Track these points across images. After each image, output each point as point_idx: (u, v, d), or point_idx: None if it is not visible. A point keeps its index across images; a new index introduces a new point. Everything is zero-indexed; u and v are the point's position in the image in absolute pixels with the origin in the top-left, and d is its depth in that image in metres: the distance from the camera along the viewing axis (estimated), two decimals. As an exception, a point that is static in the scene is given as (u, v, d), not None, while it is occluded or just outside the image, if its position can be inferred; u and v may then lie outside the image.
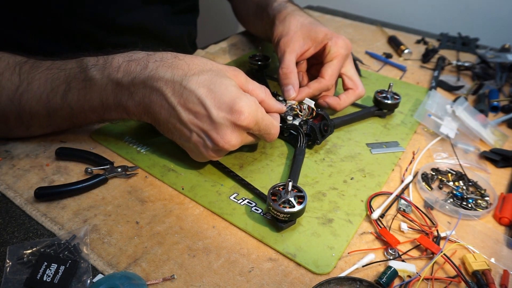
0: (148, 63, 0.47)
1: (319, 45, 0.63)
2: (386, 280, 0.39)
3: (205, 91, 0.45)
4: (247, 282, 0.40)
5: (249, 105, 0.45)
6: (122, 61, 0.48)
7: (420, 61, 0.90)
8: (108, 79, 0.48)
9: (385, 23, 1.14)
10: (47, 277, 0.38)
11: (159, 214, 0.46)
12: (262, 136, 0.50)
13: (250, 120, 0.45)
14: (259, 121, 0.47)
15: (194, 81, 0.45)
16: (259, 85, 0.52)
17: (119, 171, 0.51)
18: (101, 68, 0.48)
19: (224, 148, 0.46)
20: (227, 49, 0.90)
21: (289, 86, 0.60)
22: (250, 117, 0.45)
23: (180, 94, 0.45)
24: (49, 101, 0.50)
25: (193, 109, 0.45)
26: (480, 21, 1.17)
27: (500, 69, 0.82)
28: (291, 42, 0.62)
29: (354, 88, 0.64)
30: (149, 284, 0.39)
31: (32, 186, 0.49)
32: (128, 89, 0.47)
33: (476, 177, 0.55)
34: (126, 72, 0.47)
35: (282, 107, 0.55)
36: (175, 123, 0.47)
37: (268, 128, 0.49)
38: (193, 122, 0.46)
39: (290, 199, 0.44)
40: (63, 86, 0.49)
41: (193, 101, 0.45)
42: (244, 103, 0.45)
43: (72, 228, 0.44)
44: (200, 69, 0.47)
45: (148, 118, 0.49)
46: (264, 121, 0.48)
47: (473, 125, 0.64)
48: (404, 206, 0.49)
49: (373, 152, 0.59)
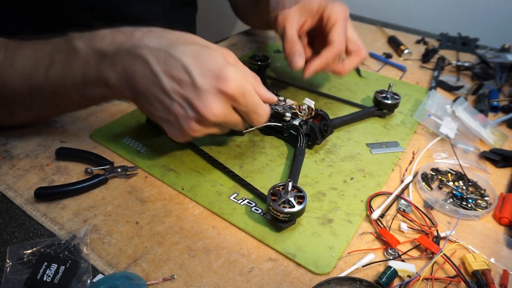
0: (134, 33, 0.46)
1: (316, 15, 0.62)
2: (386, 280, 0.39)
3: (191, 59, 0.43)
4: (247, 282, 0.40)
5: (236, 74, 0.43)
6: (108, 32, 0.46)
7: (420, 61, 0.90)
8: (92, 49, 0.46)
9: (385, 23, 1.14)
10: (47, 277, 0.38)
11: (159, 214, 0.47)
12: (249, 115, 0.46)
13: (236, 88, 0.43)
14: (246, 93, 0.44)
15: (180, 50, 0.43)
16: (249, 70, 0.49)
17: (119, 171, 0.51)
18: (85, 39, 0.47)
19: (206, 117, 0.43)
20: (227, 49, 0.90)
21: (295, 55, 0.59)
22: (237, 85, 0.43)
23: (165, 62, 0.43)
24: (31, 77, 0.49)
25: (176, 77, 0.43)
26: (480, 21, 1.17)
27: (500, 69, 0.82)
28: (288, 16, 0.62)
29: (358, 50, 0.63)
30: (149, 284, 0.39)
31: (32, 186, 0.49)
32: (112, 59, 0.45)
33: (476, 177, 0.55)
34: (111, 41, 0.46)
35: (273, 97, 0.50)
36: (156, 92, 0.44)
37: (256, 106, 0.46)
38: (176, 90, 0.43)
39: (290, 199, 0.44)
40: (46, 60, 0.48)
41: (178, 69, 0.43)
42: (231, 71, 0.43)
43: (72, 228, 0.44)
44: (189, 41, 0.46)
45: (129, 91, 0.46)
46: (252, 96, 0.45)
47: (473, 125, 0.64)
48: (404, 206, 0.49)
49: (373, 152, 0.59)
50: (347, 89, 0.76)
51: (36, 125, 0.60)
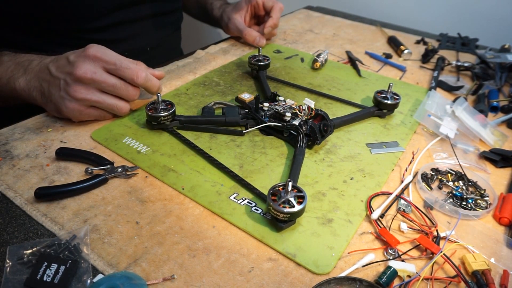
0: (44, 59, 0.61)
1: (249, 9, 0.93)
2: (386, 280, 0.39)
3: (71, 53, 0.58)
4: (247, 282, 0.40)
5: (98, 45, 0.57)
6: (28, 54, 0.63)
7: (420, 62, 0.91)
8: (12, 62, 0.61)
9: (385, 23, 1.14)
10: (47, 277, 0.38)
11: (159, 214, 0.47)
12: (121, 71, 0.57)
13: (97, 49, 0.56)
14: (108, 53, 0.57)
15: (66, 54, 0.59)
16: None
17: (119, 171, 0.51)
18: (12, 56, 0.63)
19: (78, 74, 0.54)
20: (227, 49, 0.91)
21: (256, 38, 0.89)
22: (97, 48, 0.56)
23: (56, 60, 0.58)
24: None
25: (60, 64, 0.57)
26: (480, 21, 1.17)
27: (500, 69, 0.82)
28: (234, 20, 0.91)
29: (274, 3, 0.91)
30: (149, 284, 0.39)
31: (32, 186, 0.49)
32: (25, 68, 0.60)
33: (475, 177, 0.55)
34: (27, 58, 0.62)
35: None
36: (50, 80, 0.57)
37: (121, 60, 0.57)
38: (59, 71, 0.57)
39: (290, 199, 0.44)
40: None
41: (62, 60, 0.57)
42: (94, 45, 0.57)
43: (72, 228, 0.44)
44: None
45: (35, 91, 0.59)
46: (113, 53, 0.57)
47: (472, 125, 0.64)
48: (404, 206, 0.49)
49: (373, 152, 0.59)
50: (347, 89, 0.76)
51: (36, 125, 0.60)
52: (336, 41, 1.00)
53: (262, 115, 0.61)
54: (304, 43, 0.97)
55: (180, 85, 0.74)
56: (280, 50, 0.91)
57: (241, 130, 0.60)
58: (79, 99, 0.56)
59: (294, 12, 1.21)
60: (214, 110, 0.64)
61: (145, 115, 0.61)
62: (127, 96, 0.59)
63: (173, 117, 0.59)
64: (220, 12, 0.97)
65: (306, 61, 0.87)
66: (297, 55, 0.89)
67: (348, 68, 0.85)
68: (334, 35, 1.04)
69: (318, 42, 0.98)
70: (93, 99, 0.57)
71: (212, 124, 0.61)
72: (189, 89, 0.72)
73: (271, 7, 0.91)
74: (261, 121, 0.60)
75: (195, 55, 0.86)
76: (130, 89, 0.59)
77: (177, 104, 0.67)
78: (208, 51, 0.88)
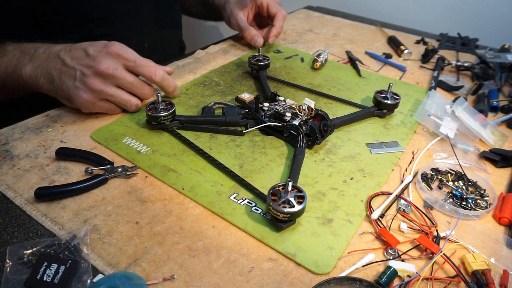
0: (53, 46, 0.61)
1: (252, 7, 0.91)
2: (386, 280, 0.39)
3: (87, 44, 0.59)
4: (247, 282, 0.40)
5: (119, 43, 0.59)
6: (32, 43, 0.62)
7: (420, 61, 0.91)
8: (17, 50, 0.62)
9: (385, 23, 1.14)
10: (47, 277, 0.38)
11: (159, 214, 0.47)
12: (139, 68, 0.59)
13: (120, 47, 0.58)
14: (128, 51, 0.59)
15: (80, 43, 0.60)
16: None
17: (119, 171, 0.51)
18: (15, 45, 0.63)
19: (100, 69, 0.56)
20: (227, 49, 0.91)
21: (254, 37, 0.86)
22: (120, 46, 0.58)
23: (69, 50, 0.59)
24: None
25: (76, 55, 0.58)
26: (480, 21, 1.17)
27: (500, 69, 0.82)
28: (236, 15, 0.90)
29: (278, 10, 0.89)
30: (149, 284, 0.39)
31: (32, 186, 0.49)
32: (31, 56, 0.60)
33: (475, 177, 0.55)
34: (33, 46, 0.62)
35: None
36: (64, 70, 0.58)
37: (141, 59, 0.59)
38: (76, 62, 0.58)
39: (290, 199, 0.44)
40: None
41: (78, 51, 0.59)
42: (115, 42, 0.59)
43: (72, 228, 0.44)
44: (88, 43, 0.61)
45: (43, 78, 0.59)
46: (134, 53, 0.59)
47: (472, 125, 0.64)
48: (404, 206, 0.49)
49: (373, 152, 0.59)
50: (347, 89, 0.76)
51: (36, 125, 0.60)
52: (336, 41, 1.00)
53: (262, 115, 0.61)
54: (304, 43, 0.97)
55: (180, 85, 0.74)
56: (280, 50, 0.91)
57: (241, 130, 0.60)
58: (95, 91, 0.57)
59: (294, 12, 1.21)
60: (214, 110, 0.64)
61: (145, 115, 0.61)
62: (142, 94, 0.62)
63: (173, 117, 0.59)
64: (223, 1, 0.95)
65: (306, 61, 0.87)
66: (297, 55, 0.90)
67: (348, 68, 0.85)
68: (334, 35, 1.04)
69: (318, 42, 0.98)
70: (109, 93, 0.58)
71: (212, 124, 0.61)
72: (189, 89, 0.72)
73: (275, 14, 0.90)
74: (261, 121, 0.60)
75: (195, 55, 0.86)
76: (146, 88, 0.62)
77: (177, 104, 0.67)
78: (208, 51, 0.88)
